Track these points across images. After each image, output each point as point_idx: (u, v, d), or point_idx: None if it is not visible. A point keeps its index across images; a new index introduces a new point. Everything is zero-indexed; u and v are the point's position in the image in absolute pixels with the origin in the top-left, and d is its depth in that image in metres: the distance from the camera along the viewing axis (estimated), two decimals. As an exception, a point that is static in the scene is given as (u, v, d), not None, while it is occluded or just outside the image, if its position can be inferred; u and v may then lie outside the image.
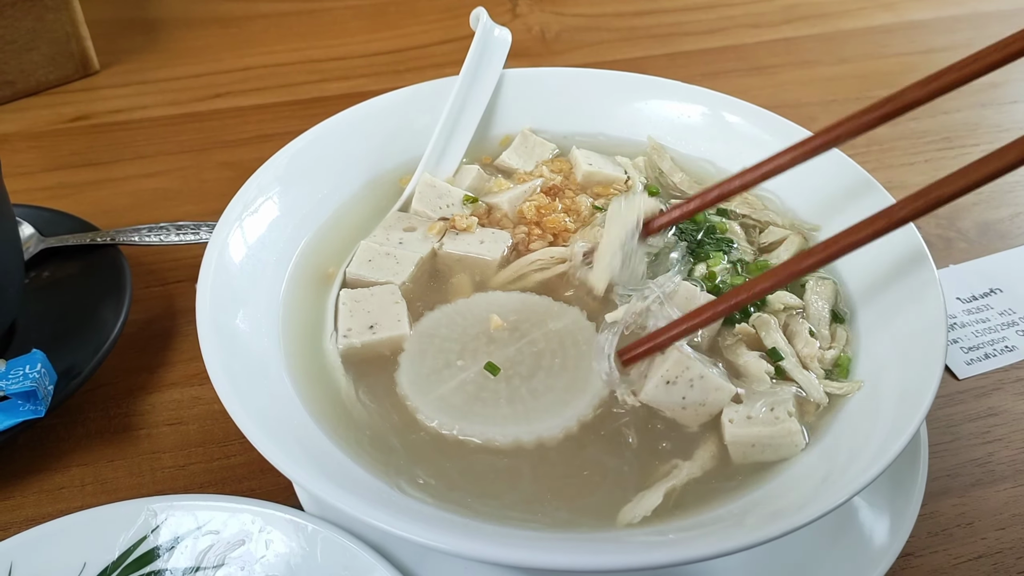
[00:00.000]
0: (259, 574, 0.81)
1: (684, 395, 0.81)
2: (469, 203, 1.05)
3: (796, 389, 0.84)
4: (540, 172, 1.10)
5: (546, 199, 1.03)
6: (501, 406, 0.82)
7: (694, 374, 0.82)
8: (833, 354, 0.87)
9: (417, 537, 0.64)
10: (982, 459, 0.99)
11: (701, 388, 0.81)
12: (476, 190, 1.09)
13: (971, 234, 1.30)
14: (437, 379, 0.84)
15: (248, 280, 0.91)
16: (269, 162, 1.00)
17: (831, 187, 1.02)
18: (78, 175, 1.40)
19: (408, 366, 0.86)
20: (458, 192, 1.06)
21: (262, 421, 0.74)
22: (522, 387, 0.83)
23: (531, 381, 0.84)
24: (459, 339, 0.88)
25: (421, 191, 1.05)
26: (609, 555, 0.64)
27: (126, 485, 0.95)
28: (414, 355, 0.87)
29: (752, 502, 0.75)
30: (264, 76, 1.62)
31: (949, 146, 1.48)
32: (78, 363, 0.98)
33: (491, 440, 0.79)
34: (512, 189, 1.07)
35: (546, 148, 1.15)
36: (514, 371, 0.84)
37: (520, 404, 0.82)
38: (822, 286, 0.93)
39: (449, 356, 0.86)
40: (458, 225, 1.00)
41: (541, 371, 0.84)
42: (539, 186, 1.06)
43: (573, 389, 0.83)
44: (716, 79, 1.15)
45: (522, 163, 1.13)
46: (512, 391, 0.83)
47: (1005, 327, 1.15)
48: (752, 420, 0.79)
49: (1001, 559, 0.89)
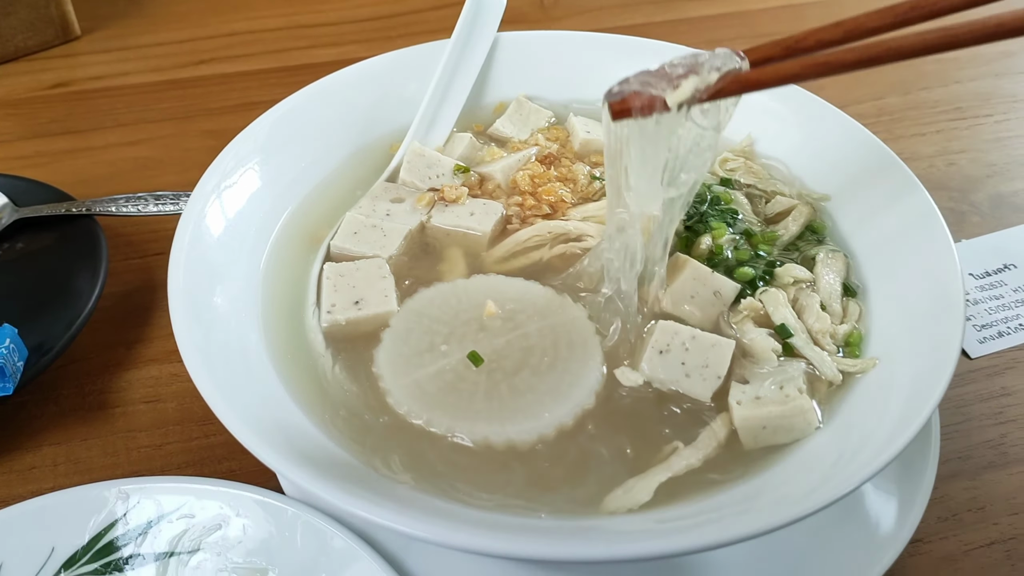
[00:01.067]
0: (236, 560, 0.77)
1: (683, 360, 0.78)
2: (460, 173, 1.00)
3: (806, 366, 0.79)
4: (535, 140, 1.05)
5: (541, 168, 0.99)
6: (476, 400, 0.77)
7: (685, 336, 0.78)
8: (845, 329, 0.83)
9: (399, 527, 0.60)
10: (995, 440, 0.95)
11: (697, 349, 0.78)
12: (468, 159, 1.04)
13: (984, 207, 1.25)
14: (417, 362, 0.80)
15: (226, 253, 0.87)
16: (248, 129, 0.95)
17: (839, 155, 0.98)
18: (56, 143, 1.35)
19: (390, 344, 0.82)
20: (448, 161, 1.01)
21: (237, 403, 0.70)
22: (503, 383, 0.78)
23: (513, 378, 0.78)
24: (449, 322, 0.83)
25: (410, 160, 1.00)
26: (599, 545, 0.60)
27: (100, 465, 0.91)
28: (398, 333, 0.82)
29: (758, 487, 0.71)
30: (250, 42, 1.57)
31: (961, 116, 1.43)
32: (51, 338, 0.93)
33: (458, 436, 0.75)
34: (505, 158, 1.02)
35: (542, 115, 1.10)
36: (498, 364, 0.79)
37: (496, 401, 0.77)
38: (833, 258, 0.89)
39: (435, 339, 0.82)
40: (447, 196, 0.95)
41: (527, 369, 0.79)
42: (534, 155, 1.01)
43: (556, 393, 0.78)
44: (718, 46, 1.09)
45: (516, 131, 1.08)
46: (492, 386, 0.78)
47: (1019, 304, 1.10)
48: (761, 400, 0.75)
49: (1015, 545, 0.86)
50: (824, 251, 0.90)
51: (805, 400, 0.75)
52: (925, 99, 1.46)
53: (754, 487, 0.71)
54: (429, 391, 0.78)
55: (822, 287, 0.86)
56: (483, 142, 1.07)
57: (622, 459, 0.74)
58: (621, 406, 0.78)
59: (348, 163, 1.03)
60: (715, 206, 0.93)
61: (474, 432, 0.75)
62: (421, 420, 0.76)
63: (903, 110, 1.43)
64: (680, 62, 0.70)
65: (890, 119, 1.41)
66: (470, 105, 1.11)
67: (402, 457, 0.74)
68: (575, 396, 0.78)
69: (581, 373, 0.79)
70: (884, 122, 1.40)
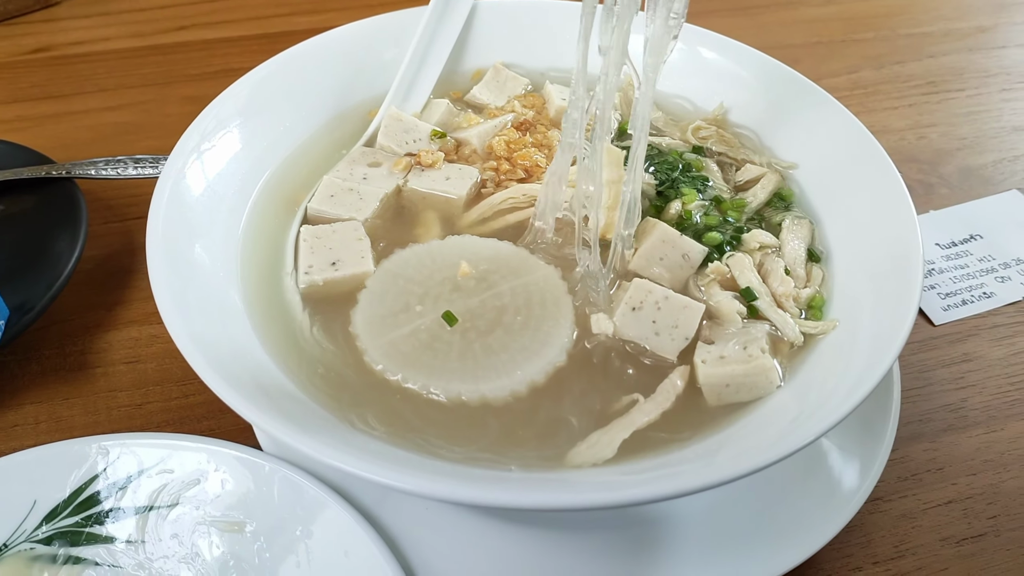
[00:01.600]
0: (214, 513, 0.79)
1: (654, 319, 0.80)
2: (436, 139, 1.01)
3: (769, 328, 0.82)
4: (511, 107, 1.06)
5: (516, 134, 1.00)
6: (451, 359, 0.78)
7: (658, 296, 0.80)
8: (808, 293, 0.85)
9: (369, 475, 0.62)
10: (955, 405, 0.98)
11: (668, 309, 0.80)
12: (445, 125, 1.05)
13: (953, 180, 1.28)
14: (393, 322, 0.81)
15: (205, 214, 0.88)
16: (228, 92, 0.96)
17: (809, 124, 0.99)
18: (37, 108, 1.35)
19: (366, 304, 0.83)
20: (425, 127, 1.02)
21: (215, 359, 0.71)
22: (476, 342, 0.80)
23: (487, 337, 0.80)
24: (423, 282, 0.85)
25: (387, 125, 1.01)
26: (563, 494, 0.63)
27: (81, 423, 0.93)
28: (374, 294, 0.84)
29: (719, 442, 0.73)
30: (232, 8, 1.57)
31: (934, 90, 1.45)
32: (31, 299, 0.94)
33: (432, 393, 0.77)
34: (482, 124, 1.03)
35: (519, 83, 1.11)
36: (472, 324, 0.81)
37: (471, 360, 0.78)
38: (798, 225, 0.91)
39: (410, 299, 0.83)
40: (423, 161, 0.97)
41: (500, 328, 0.81)
42: (510, 121, 1.03)
43: (528, 351, 0.79)
44: (699, 18, 1.10)
45: (493, 98, 1.09)
46: (466, 345, 0.79)
47: (984, 273, 1.13)
48: (725, 359, 0.78)
49: (971, 504, 0.89)
50: (790, 217, 0.92)
51: (767, 360, 0.77)
52: (899, 73, 1.48)
53: (715, 442, 0.73)
54: (404, 350, 0.79)
55: (787, 252, 0.88)
56: (460, 108, 1.08)
57: (590, 415, 0.76)
58: (591, 364, 0.80)
59: (327, 127, 1.04)
60: (687, 173, 0.95)
61: (448, 389, 0.77)
62: (396, 377, 0.78)
63: (877, 83, 1.45)
64: None
65: (864, 92, 1.43)
66: (448, 72, 1.11)
67: (377, 413, 0.76)
68: (547, 354, 0.80)
69: (553, 331, 0.81)
70: (858, 95, 1.42)
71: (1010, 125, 1.38)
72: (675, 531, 0.80)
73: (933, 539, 0.86)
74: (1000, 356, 1.03)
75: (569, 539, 0.81)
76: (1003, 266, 1.14)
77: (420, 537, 0.79)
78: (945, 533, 0.86)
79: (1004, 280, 1.12)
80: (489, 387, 0.77)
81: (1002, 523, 0.87)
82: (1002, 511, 0.88)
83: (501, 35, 1.14)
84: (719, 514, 0.81)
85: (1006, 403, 0.98)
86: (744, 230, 0.90)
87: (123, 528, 0.79)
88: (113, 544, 0.78)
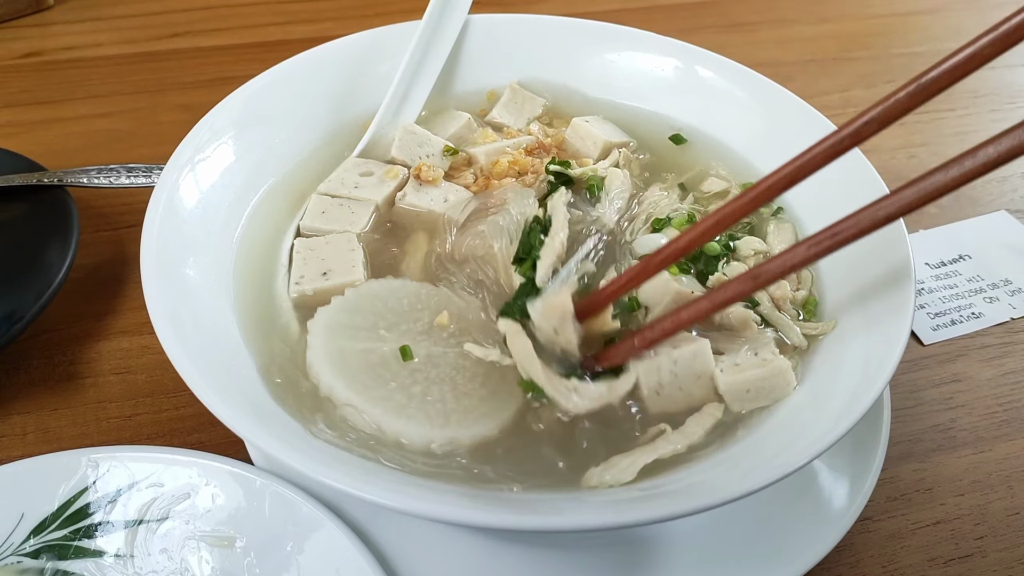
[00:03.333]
0: (204, 528, 0.78)
1: (680, 387, 0.78)
2: (449, 155, 1.01)
3: (773, 332, 0.83)
4: (530, 130, 1.07)
5: (525, 156, 1.00)
6: (389, 389, 0.76)
7: (667, 365, 0.77)
8: (803, 294, 0.87)
9: (361, 493, 0.62)
10: (944, 425, 0.98)
11: (685, 365, 0.78)
12: (462, 139, 1.05)
13: (942, 200, 1.28)
14: (352, 334, 0.80)
15: (199, 227, 0.87)
16: (223, 103, 0.96)
17: (801, 144, 0.99)
18: (27, 113, 1.34)
19: (335, 309, 0.82)
20: (439, 142, 1.02)
21: (208, 372, 0.70)
22: (418, 386, 0.77)
23: (432, 385, 0.77)
24: (400, 314, 0.83)
25: (401, 138, 1.02)
26: (564, 517, 0.63)
27: (70, 435, 0.92)
28: (349, 303, 0.83)
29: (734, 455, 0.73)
30: (226, 16, 1.57)
31: (924, 110, 1.44)
32: (20, 308, 0.94)
33: (353, 412, 0.75)
34: (496, 143, 1.03)
35: (536, 103, 1.11)
36: (425, 369, 0.78)
37: (404, 398, 0.76)
38: (783, 229, 0.93)
39: (379, 322, 0.82)
40: (423, 176, 0.96)
41: (448, 384, 0.78)
42: (524, 144, 1.03)
43: (463, 417, 0.75)
44: (692, 35, 1.11)
45: (512, 120, 1.09)
46: (408, 384, 0.77)
47: (972, 294, 1.14)
48: (740, 366, 0.78)
49: (959, 525, 0.89)
50: (774, 223, 0.94)
51: (783, 361, 0.78)
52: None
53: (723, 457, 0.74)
54: (350, 363, 0.78)
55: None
56: (480, 124, 1.09)
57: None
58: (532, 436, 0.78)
59: (323, 140, 1.04)
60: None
61: (372, 414, 0.74)
62: (328, 383, 0.76)
63: (869, 102, 1.44)
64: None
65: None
66: (442, 86, 1.12)
67: (325, 420, 0.75)
68: (484, 428, 0.76)
69: (494, 408, 0.77)
70: (850, 113, 1.40)
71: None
72: (666, 551, 0.80)
73: (921, 559, 0.86)
74: (989, 377, 1.04)
75: (560, 557, 0.81)
76: (991, 287, 1.15)
77: (411, 554, 0.78)
78: (933, 553, 0.87)
79: (992, 301, 1.13)
80: (409, 430, 0.74)
81: (989, 544, 0.88)
82: (989, 532, 0.89)
83: (492, 51, 1.14)
84: (710, 534, 0.81)
85: (994, 424, 0.99)
86: (736, 238, 0.91)
87: (112, 542, 0.78)
88: (102, 558, 0.77)
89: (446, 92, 1.14)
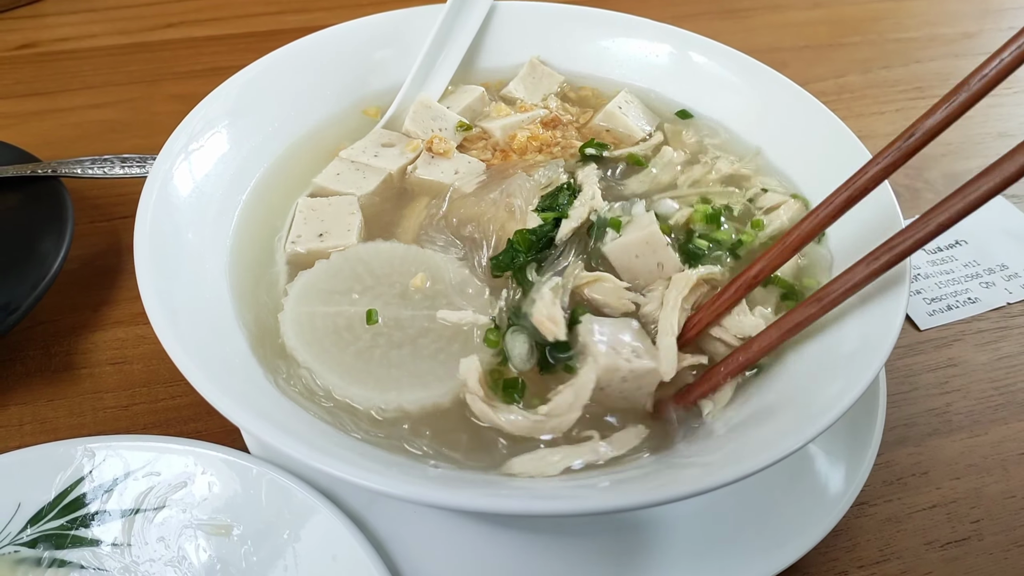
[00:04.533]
0: (200, 517, 0.78)
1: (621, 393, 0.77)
2: (462, 130, 1.02)
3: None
4: (545, 104, 1.07)
5: (542, 130, 1.00)
6: (346, 353, 0.78)
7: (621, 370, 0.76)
8: None
9: (361, 481, 0.62)
10: (940, 409, 0.99)
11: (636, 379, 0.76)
12: (475, 112, 1.06)
13: (939, 185, 1.29)
14: (326, 299, 0.82)
15: (193, 216, 0.87)
16: (217, 91, 0.95)
17: (796, 129, 1.01)
18: (22, 104, 1.34)
19: (315, 273, 0.84)
20: (453, 116, 1.03)
21: (203, 361, 0.70)
22: (378, 349, 0.78)
23: (392, 350, 0.78)
24: (379, 277, 0.84)
25: (416, 111, 1.02)
26: (553, 501, 0.63)
27: (66, 425, 0.92)
28: (332, 267, 0.84)
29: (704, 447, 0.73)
30: (219, 6, 1.56)
31: (921, 96, 1.46)
32: (16, 299, 0.93)
33: (312, 375, 0.76)
34: (510, 116, 1.03)
35: (554, 80, 1.12)
36: (389, 332, 0.79)
37: (363, 362, 0.77)
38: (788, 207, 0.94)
39: (355, 285, 0.83)
40: (434, 148, 0.97)
41: (409, 346, 0.79)
42: (540, 117, 1.03)
43: (416, 381, 0.76)
44: (687, 21, 1.11)
45: (528, 95, 1.10)
46: (369, 347, 0.78)
47: (969, 279, 1.14)
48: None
49: (955, 508, 0.89)
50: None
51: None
52: (886, 77, 1.49)
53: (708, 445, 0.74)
54: (316, 326, 0.79)
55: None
56: (492, 98, 1.09)
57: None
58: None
59: (317, 128, 1.04)
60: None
61: (324, 378, 0.76)
62: (290, 344, 0.78)
63: (864, 88, 1.46)
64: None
65: (851, 96, 1.44)
66: (483, 70, 1.14)
67: (288, 374, 0.77)
68: (436, 391, 0.77)
69: (450, 373, 0.77)
70: (845, 99, 1.43)
71: (995, 131, 1.39)
72: (662, 535, 0.80)
73: (918, 543, 0.86)
74: (984, 361, 1.04)
75: (556, 543, 0.81)
76: (987, 272, 1.15)
77: (408, 540, 0.79)
78: (929, 537, 0.87)
79: (988, 286, 1.13)
80: (360, 394, 0.75)
81: (985, 527, 0.88)
82: (985, 515, 0.89)
83: (487, 36, 1.14)
84: (706, 518, 0.82)
85: (989, 408, 0.99)
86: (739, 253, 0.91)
87: (109, 531, 0.78)
88: (99, 547, 0.78)
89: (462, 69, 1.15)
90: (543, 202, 0.91)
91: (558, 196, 0.91)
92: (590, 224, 0.89)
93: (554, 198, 0.91)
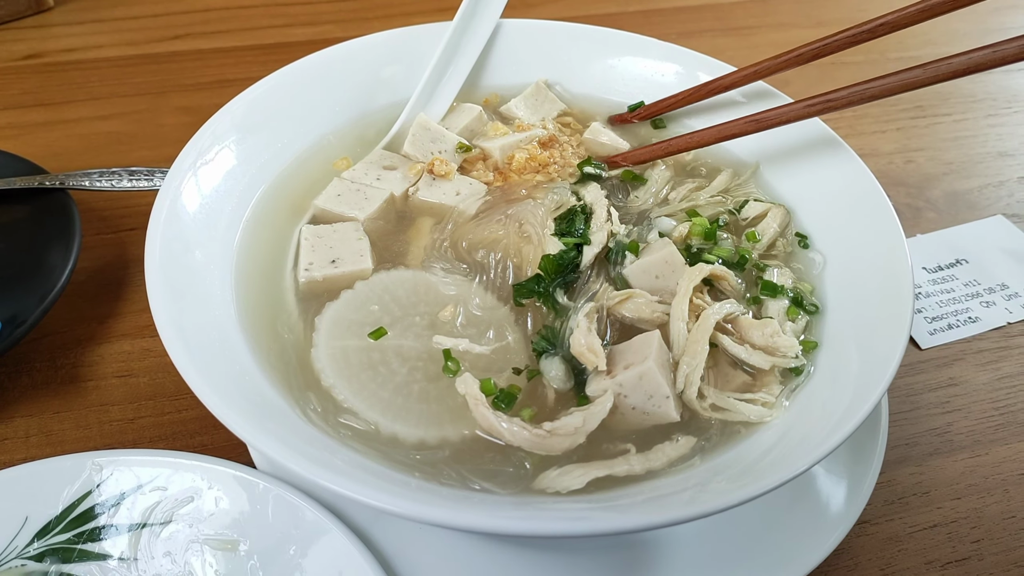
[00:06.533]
0: (207, 532, 0.79)
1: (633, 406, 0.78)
2: (462, 151, 1.02)
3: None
4: (543, 125, 1.08)
5: (540, 150, 1.01)
6: (385, 389, 0.78)
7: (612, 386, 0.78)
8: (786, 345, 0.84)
9: (368, 500, 0.62)
10: (941, 429, 0.99)
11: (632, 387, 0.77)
12: (472, 131, 1.07)
13: (940, 204, 1.30)
14: (358, 331, 0.82)
15: (202, 230, 0.88)
16: (226, 107, 0.96)
17: (799, 149, 1.02)
18: (28, 115, 1.34)
19: (343, 304, 0.84)
20: (453, 138, 1.03)
21: (211, 376, 0.71)
22: (416, 384, 0.79)
23: (429, 383, 0.79)
24: (406, 307, 0.84)
25: (415, 133, 1.02)
26: (560, 522, 0.63)
27: (72, 438, 0.93)
28: (358, 297, 0.85)
29: (714, 468, 0.74)
30: (226, 18, 1.57)
31: (922, 115, 1.47)
32: (23, 311, 0.94)
33: (351, 410, 0.76)
34: (509, 136, 1.04)
35: (555, 106, 1.12)
36: (424, 365, 0.80)
37: (402, 398, 0.77)
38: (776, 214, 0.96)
39: (384, 317, 0.83)
40: (436, 171, 0.97)
41: (446, 380, 0.79)
42: (537, 136, 1.04)
43: (458, 413, 0.77)
44: (691, 38, 1.13)
45: (527, 115, 1.10)
46: (407, 382, 0.79)
47: (969, 298, 1.15)
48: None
49: (956, 528, 0.90)
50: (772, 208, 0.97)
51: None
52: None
53: (714, 466, 0.74)
54: (351, 361, 0.79)
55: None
56: (489, 117, 1.10)
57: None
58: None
59: (325, 143, 1.05)
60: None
61: (367, 415, 0.76)
62: (328, 383, 0.78)
63: (865, 107, 1.47)
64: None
65: (853, 115, 1.45)
66: (489, 87, 1.15)
67: (318, 403, 0.77)
68: (452, 428, 0.77)
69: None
70: (847, 118, 1.44)
71: (995, 150, 1.40)
72: (665, 554, 0.81)
73: (919, 562, 0.87)
74: (985, 381, 1.05)
75: (560, 560, 0.81)
76: (988, 291, 1.16)
77: (414, 557, 0.79)
78: (930, 557, 0.87)
79: (989, 305, 1.14)
80: (403, 430, 0.76)
81: (985, 547, 0.88)
82: (985, 535, 0.89)
83: (492, 54, 1.15)
84: (709, 538, 0.82)
85: (990, 428, 0.99)
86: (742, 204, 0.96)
87: (116, 545, 0.79)
88: (106, 562, 0.78)
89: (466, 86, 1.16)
90: (559, 226, 0.91)
91: (574, 220, 0.92)
92: (608, 249, 0.90)
93: (571, 223, 0.92)
